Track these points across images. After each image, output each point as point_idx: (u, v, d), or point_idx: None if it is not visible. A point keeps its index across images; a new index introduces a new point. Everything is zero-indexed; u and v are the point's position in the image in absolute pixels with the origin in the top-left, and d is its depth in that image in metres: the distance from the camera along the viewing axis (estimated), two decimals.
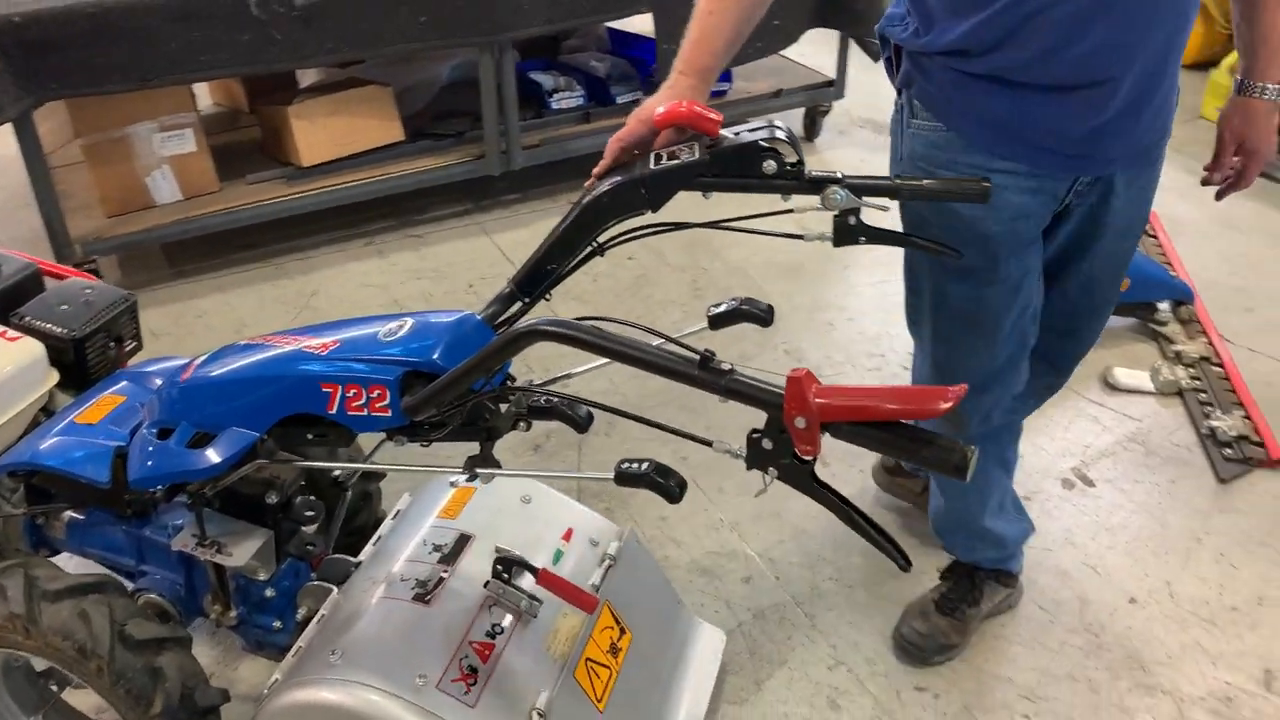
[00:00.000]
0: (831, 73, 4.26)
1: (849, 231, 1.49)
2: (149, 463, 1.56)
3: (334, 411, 1.45)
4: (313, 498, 1.78)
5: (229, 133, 3.82)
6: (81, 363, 1.89)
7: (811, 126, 4.38)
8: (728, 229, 1.54)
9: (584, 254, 1.52)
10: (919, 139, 1.66)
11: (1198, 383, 2.85)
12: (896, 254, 1.71)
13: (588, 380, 1.63)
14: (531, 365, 2.65)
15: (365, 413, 1.44)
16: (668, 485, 1.33)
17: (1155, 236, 3.53)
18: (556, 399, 1.49)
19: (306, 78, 4.04)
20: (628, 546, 1.90)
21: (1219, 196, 1.86)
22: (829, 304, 3.25)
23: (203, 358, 1.63)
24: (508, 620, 1.66)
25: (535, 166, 3.78)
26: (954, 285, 1.73)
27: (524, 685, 1.60)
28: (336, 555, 1.82)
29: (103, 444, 1.67)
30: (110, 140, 3.17)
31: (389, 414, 1.42)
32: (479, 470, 1.46)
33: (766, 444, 1.12)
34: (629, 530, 1.93)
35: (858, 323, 3.16)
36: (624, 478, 1.36)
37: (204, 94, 4.06)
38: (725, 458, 1.19)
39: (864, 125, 4.56)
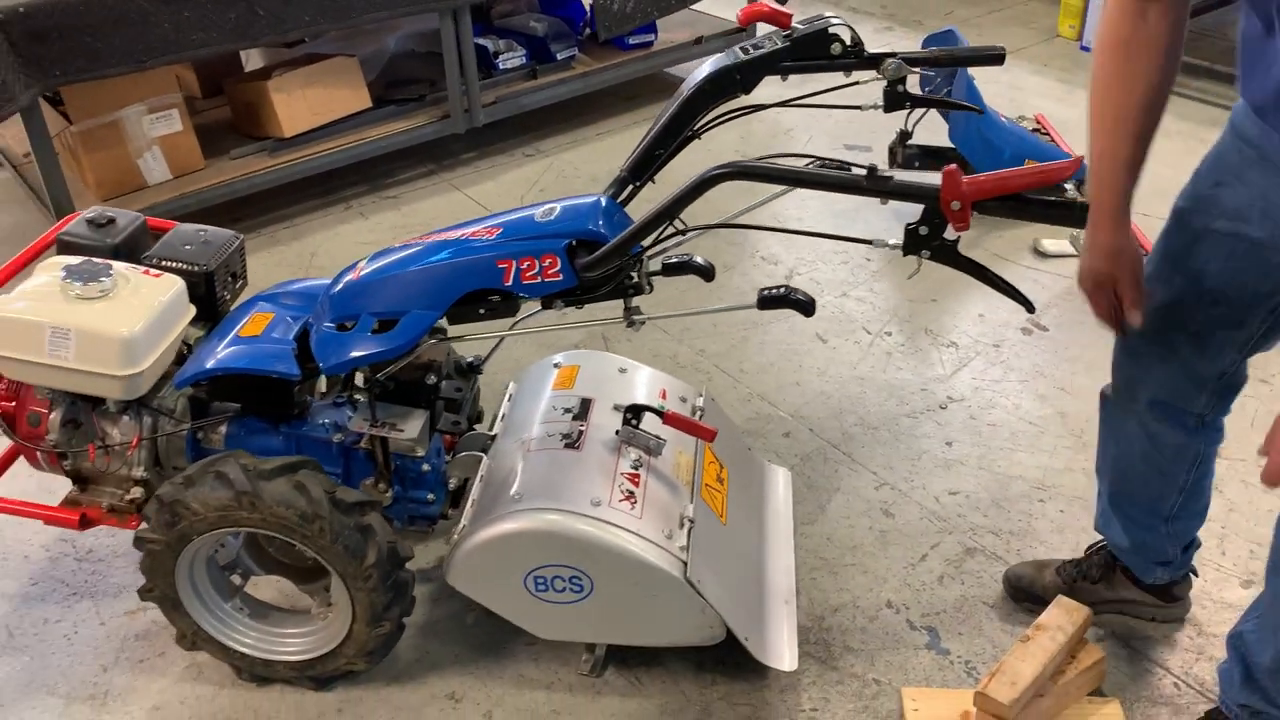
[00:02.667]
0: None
1: (898, 99, 1.86)
2: (340, 351, 1.82)
3: (509, 283, 1.74)
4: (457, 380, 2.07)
5: (193, 116, 3.93)
6: (212, 295, 2.09)
7: None
8: (801, 106, 1.90)
9: (683, 139, 1.85)
10: None
11: None
12: None
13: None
14: None
15: (539, 280, 1.73)
16: (804, 300, 1.69)
17: (1047, 133, 4.04)
18: (686, 256, 1.82)
19: (250, 60, 4.20)
20: (708, 401, 2.25)
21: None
22: (787, 217, 3.64)
23: (364, 260, 1.89)
24: (642, 457, 1.98)
25: (486, 127, 4.04)
26: (1167, 239, 1.79)
27: (670, 502, 1.93)
28: (473, 431, 2.11)
29: (281, 346, 1.90)
30: (103, 125, 3.28)
31: (560, 278, 1.72)
32: (634, 318, 1.78)
33: (922, 230, 1.47)
34: (706, 388, 2.27)
35: (817, 228, 3.55)
36: (766, 301, 1.72)
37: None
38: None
39: None
